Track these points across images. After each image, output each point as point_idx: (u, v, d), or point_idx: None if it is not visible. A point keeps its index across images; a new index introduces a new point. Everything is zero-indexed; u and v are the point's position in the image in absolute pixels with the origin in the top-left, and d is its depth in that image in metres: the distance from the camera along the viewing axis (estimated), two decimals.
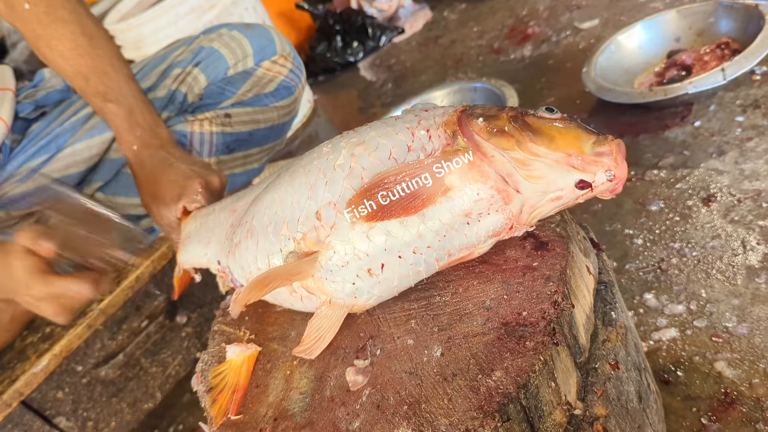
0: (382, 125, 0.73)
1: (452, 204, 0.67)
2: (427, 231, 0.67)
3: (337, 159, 0.71)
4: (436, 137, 0.70)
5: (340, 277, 0.69)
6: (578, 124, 0.67)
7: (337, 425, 0.64)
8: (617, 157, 0.64)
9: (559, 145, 0.65)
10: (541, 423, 0.63)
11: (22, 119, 1.29)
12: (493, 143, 0.66)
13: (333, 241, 0.68)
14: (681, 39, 1.72)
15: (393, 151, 0.69)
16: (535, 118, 0.68)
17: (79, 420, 1.27)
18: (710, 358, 1.03)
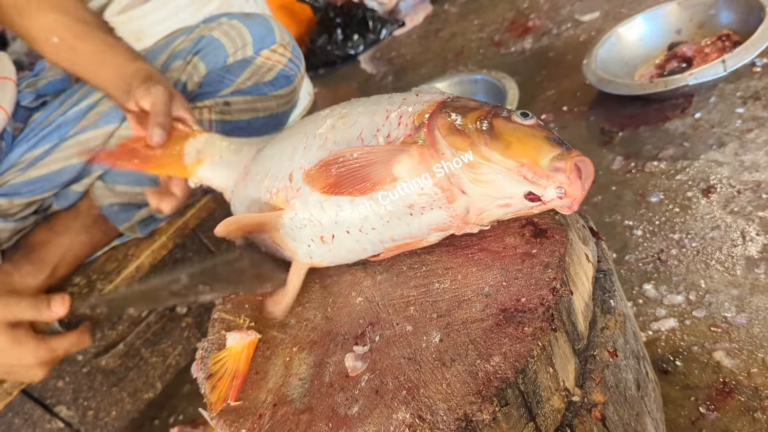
0: (373, 102, 0.76)
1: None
2: (373, 214, 0.70)
3: (320, 127, 0.76)
4: (404, 126, 0.70)
5: (298, 237, 0.77)
6: (548, 133, 0.66)
7: (336, 410, 0.65)
8: (571, 175, 0.62)
9: (513, 153, 0.63)
10: (539, 408, 0.63)
11: (23, 108, 1.30)
12: (448, 141, 0.66)
13: (296, 203, 0.75)
14: (682, 31, 1.72)
15: (363, 131, 0.72)
16: (505, 121, 0.67)
17: (80, 409, 1.27)
18: (709, 347, 1.03)
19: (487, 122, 0.67)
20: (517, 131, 0.65)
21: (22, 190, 1.23)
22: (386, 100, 0.75)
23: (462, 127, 0.66)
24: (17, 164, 1.22)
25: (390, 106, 0.73)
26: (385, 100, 0.75)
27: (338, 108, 0.79)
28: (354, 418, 0.63)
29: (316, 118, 0.80)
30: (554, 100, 1.86)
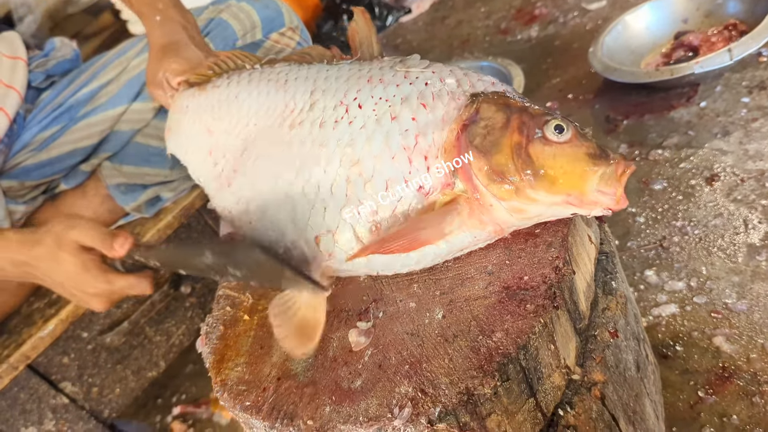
0: (373, 126, 0.69)
1: (450, 244, 0.68)
2: (423, 257, 0.69)
3: (330, 169, 0.70)
4: (435, 170, 0.66)
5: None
6: (587, 146, 0.63)
7: (339, 384, 0.66)
8: (620, 198, 0.62)
9: (559, 189, 0.62)
10: (539, 385, 0.64)
11: (33, 88, 1.30)
12: (492, 192, 0.64)
13: (333, 265, 0.73)
14: (688, 20, 1.71)
15: (389, 184, 0.67)
16: (542, 145, 0.63)
17: (84, 385, 1.29)
18: (709, 333, 1.04)
19: (524, 153, 0.63)
20: (558, 158, 0.62)
21: (33, 173, 1.24)
22: (396, 130, 0.68)
23: (500, 168, 0.63)
24: (29, 145, 1.23)
25: (404, 141, 0.67)
26: (395, 127, 0.68)
27: (334, 135, 0.71)
28: (357, 392, 0.64)
29: (311, 139, 0.73)
30: (560, 87, 1.86)
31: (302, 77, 0.80)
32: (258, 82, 0.86)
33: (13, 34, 1.31)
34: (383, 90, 0.72)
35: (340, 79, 0.76)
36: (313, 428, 0.63)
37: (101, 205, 1.28)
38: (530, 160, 0.63)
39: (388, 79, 0.73)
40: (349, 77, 0.75)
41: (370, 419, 0.60)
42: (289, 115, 0.78)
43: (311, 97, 0.77)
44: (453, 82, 0.70)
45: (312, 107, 0.76)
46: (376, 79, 0.73)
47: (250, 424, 0.70)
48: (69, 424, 1.27)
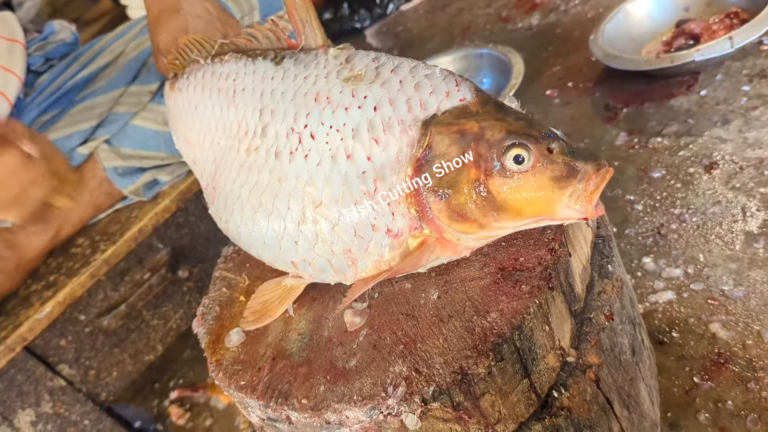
0: (341, 181, 0.65)
1: (432, 264, 0.68)
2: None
3: (295, 207, 0.68)
4: (400, 216, 0.63)
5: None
6: (552, 169, 0.59)
7: (334, 363, 0.66)
8: (591, 212, 0.59)
9: (527, 215, 0.60)
10: (534, 365, 0.64)
11: (32, 72, 1.30)
12: (456, 229, 0.61)
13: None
14: (690, 8, 1.70)
15: (356, 229, 0.65)
16: (502, 179, 0.59)
17: (82, 368, 1.29)
18: (705, 319, 1.04)
19: (484, 190, 0.60)
20: (521, 190, 0.59)
21: None
22: (353, 172, 0.64)
23: (461, 209, 0.60)
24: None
25: (364, 186, 0.64)
26: (347, 167, 0.65)
27: (292, 169, 0.68)
28: (352, 371, 0.64)
29: (278, 176, 0.70)
30: (560, 75, 1.85)
31: (249, 88, 0.77)
32: (210, 92, 0.83)
33: (9, 15, 1.31)
34: (332, 116, 0.67)
35: (286, 95, 0.72)
36: (308, 407, 0.63)
37: (98, 188, 1.27)
38: (491, 196, 0.59)
39: (336, 99, 0.67)
40: (295, 93, 0.71)
41: (364, 398, 0.60)
42: (244, 137, 0.75)
43: (261, 119, 0.73)
44: (403, 106, 0.64)
45: (264, 132, 0.72)
46: (323, 98, 0.68)
47: (245, 404, 0.70)
48: (66, 407, 1.28)
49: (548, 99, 1.79)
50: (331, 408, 0.62)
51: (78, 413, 1.29)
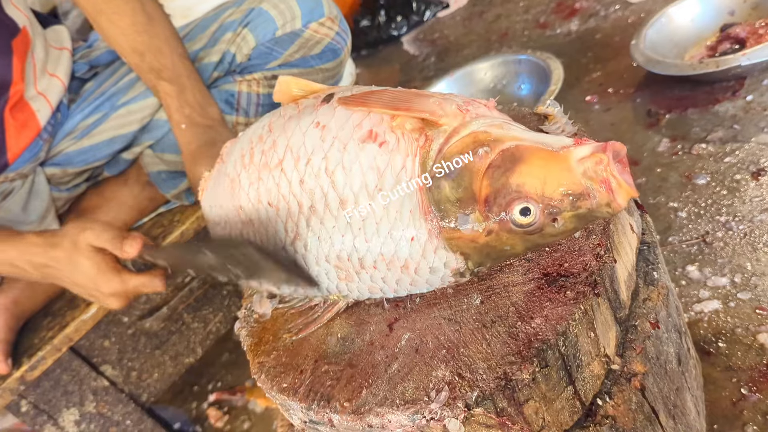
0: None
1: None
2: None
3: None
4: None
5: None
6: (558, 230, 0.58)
7: (376, 367, 0.66)
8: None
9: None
10: (578, 372, 0.63)
11: (77, 79, 1.33)
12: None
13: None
14: (735, 12, 1.67)
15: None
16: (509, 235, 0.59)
17: (124, 369, 1.31)
18: (753, 330, 1.01)
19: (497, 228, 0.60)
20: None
21: (75, 160, 1.27)
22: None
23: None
24: (71, 133, 1.26)
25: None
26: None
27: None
28: (394, 375, 0.64)
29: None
30: (600, 81, 1.83)
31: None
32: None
33: (61, 28, 1.35)
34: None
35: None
36: (350, 410, 0.63)
37: (142, 192, 1.30)
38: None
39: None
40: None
41: (406, 402, 0.60)
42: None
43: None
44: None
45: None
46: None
47: (287, 406, 0.70)
48: (109, 407, 1.30)
49: (588, 105, 1.77)
50: (374, 411, 0.62)
51: (120, 413, 1.32)
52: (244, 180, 0.75)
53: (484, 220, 0.59)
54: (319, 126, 0.68)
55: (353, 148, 0.64)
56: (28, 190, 1.22)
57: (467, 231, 0.60)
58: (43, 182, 1.23)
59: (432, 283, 0.65)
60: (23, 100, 1.16)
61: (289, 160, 0.69)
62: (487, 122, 0.62)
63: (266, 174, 0.71)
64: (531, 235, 0.58)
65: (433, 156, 0.61)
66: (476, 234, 0.60)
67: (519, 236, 0.59)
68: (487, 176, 0.58)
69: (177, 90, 1.09)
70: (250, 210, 0.75)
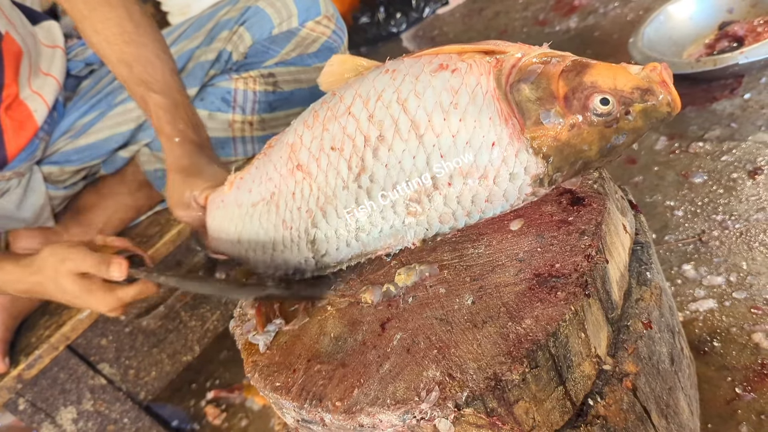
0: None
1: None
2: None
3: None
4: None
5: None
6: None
7: (368, 366, 0.66)
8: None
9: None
10: (569, 373, 0.63)
11: (73, 77, 1.33)
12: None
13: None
14: (734, 10, 1.66)
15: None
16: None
17: (122, 367, 1.32)
18: (748, 329, 1.01)
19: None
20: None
21: (73, 158, 1.27)
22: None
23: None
24: (68, 132, 1.26)
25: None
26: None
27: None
28: (385, 375, 0.64)
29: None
30: None
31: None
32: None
33: (52, 23, 1.35)
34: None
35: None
36: (341, 410, 0.63)
37: (139, 190, 1.30)
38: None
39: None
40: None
41: (397, 402, 0.61)
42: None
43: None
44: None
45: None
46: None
47: (280, 405, 0.71)
48: (106, 405, 1.31)
49: None
50: (365, 411, 0.62)
51: (118, 411, 1.32)
52: (307, 138, 0.76)
53: (566, 114, 0.64)
54: (389, 72, 0.71)
55: (426, 78, 0.68)
56: (24, 188, 1.22)
57: (550, 125, 0.65)
58: (39, 180, 1.24)
59: (509, 195, 0.68)
60: (19, 99, 1.17)
61: (358, 103, 0.71)
62: (550, 50, 0.69)
63: (332, 124, 0.73)
64: (608, 128, 0.64)
65: (506, 71, 0.66)
66: (559, 129, 0.65)
67: (597, 131, 0.64)
68: (563, 78, 0.65)
69: (170, 104, 1.02)
70: (309, 162, 0.75)
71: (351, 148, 0.71)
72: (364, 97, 0.70)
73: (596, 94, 0.63)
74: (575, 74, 0.65)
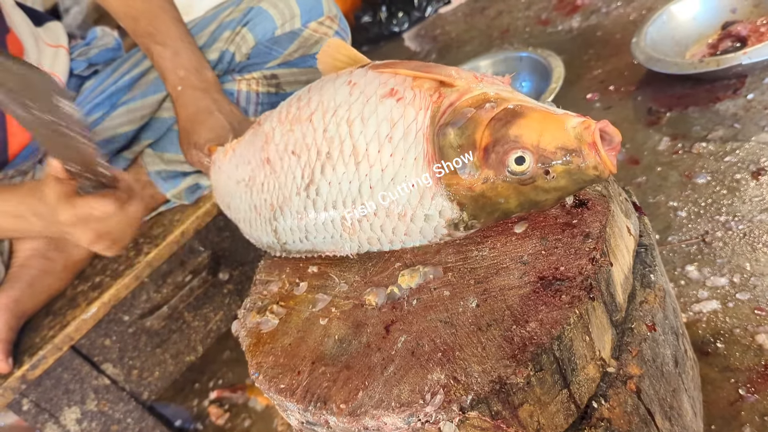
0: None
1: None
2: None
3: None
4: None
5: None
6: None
7: (372, 369, 0.66)
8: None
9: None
10: (573, 376, 0.64)
11: (76, 76, 1.33)
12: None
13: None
14: (737, 10, 1.66)
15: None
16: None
17: (125, 367, 1.32)
18: (752, 330, 1.01)
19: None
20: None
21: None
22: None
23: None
24: None
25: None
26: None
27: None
28: (390, 377, 0.64)
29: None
30: (601, 79, 1.83)
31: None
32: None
33: (56, 24, 1.35)
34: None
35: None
36: (346, 412, 0.63)
37: (142, 191, 1.30)
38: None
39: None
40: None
41: (402, 405, 0.61)
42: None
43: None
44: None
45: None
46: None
47: (285, 407, 0.71)
48: (110, 405, 1.31)
49: (589, 103, 1.76)
50: (370, 414, 0.62)
51: (121, 411, 1.33)
52: (278, 134, 0.81)
53: (482, 167, 0.64)
54: (351, 84, 0.73)
55: (374, 102, 0.70)
56: None
57: (465, 176, 0.65)
58: None
59: (426, 234, 0.69)
60: None
61: (319, 112, 0.75)
62: (499, 88, 0.68)
63: (297, 126, 0.78)
64: (524, 186, 0.63)
65: (442, 109, 0.67)
66: (473, 180, 0.65)
67: (513, 187, 0.64)
68: (489, 127, 0.63)
69: (171, 53, 1.10)
70: (275, 160, 0.80)
71: (306, 158, 0.76)
72: (324, 108, 0.75)
73: (513, 151, 0.62)
74: (502, 125, 0.63)
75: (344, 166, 0.71)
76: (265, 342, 0.78)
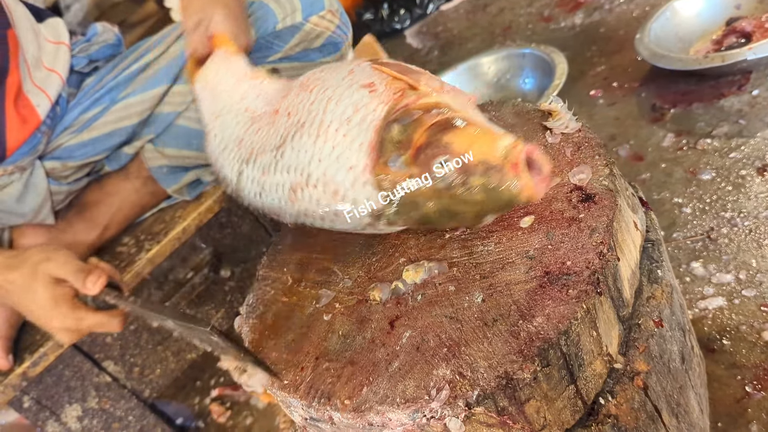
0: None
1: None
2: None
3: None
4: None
5: None
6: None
7: (376, 365, 0.65)
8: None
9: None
10: (580, 372, 0.63)
11: (76, 73, 1.32)
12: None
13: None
14: (741, 6, 1.65)
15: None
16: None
17: (126, 365, 1.31)
18: (758, 327, 1.01)
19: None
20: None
21: (75, 153, 1.26)
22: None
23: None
24: (70, 127, 1.25)
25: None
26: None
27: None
28: (394, 373, 0.63)
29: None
30: (604, 75, 1.82)
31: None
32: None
33: (57, 21, 1.34)
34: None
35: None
36: (350, 408, 0.63)
37: (144, 187, 1.29)
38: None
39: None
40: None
41: (407, 401, 0.60)
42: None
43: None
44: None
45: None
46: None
47: (288, 403, 0.70)
48: (111, 402, 1.30)
49: (592, 99, 1.75)
50: (374, 410, 0.61)
51: (123, 409, 1.32)
52: (293, 93, 0.83)
53: (410, 165, 0.65)
54: (350, 72, 0.77)
55: (354, 89, 0.73)
56: (25, 182, 1.21)
57: (394, 169, 0.66)
58: (41, 176, 1.23)
59: (352, 219, 0.71)
60: (23, 93, 1.16)
61: (318, 87, 0.78)
62: (458, 101, 0.70)
63: (303, 93, 0.80)
64: (444, 191, 0.64)
65: (398, 107, 0.69)
66: (400, 175, 0.66)
67: (433, 190, 0.64)
68: (429, 130, 0.65)
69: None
70: (281, 113, 0.83)
71: (291, 122, 0.78)
72: (322, 84, 0.78)
73: (440, 155, 0.63)
74: (439, 130, 0.65)
75: (308, 137, 0.73)
76: (268, 338, 0.77)
